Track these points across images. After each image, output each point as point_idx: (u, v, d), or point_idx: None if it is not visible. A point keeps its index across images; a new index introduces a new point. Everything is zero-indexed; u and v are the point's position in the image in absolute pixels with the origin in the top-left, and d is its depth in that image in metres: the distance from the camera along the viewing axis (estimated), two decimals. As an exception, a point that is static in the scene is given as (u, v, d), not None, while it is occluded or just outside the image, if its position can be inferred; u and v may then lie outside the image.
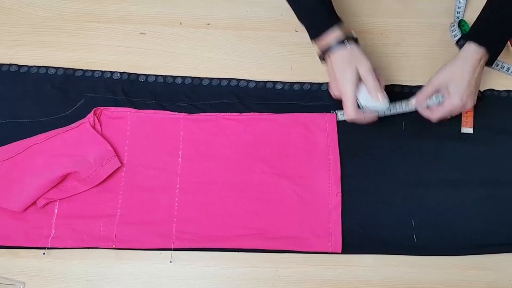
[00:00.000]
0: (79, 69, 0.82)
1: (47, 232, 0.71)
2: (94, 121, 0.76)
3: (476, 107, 0.79)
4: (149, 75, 0.82)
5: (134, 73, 0.82)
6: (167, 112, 0.79)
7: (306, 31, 0.77)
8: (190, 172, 0.75)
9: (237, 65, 0.84)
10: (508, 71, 0.83)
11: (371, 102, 0.72)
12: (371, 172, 0.76)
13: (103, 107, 0.78)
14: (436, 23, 0.88)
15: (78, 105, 0.79)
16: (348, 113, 0.71)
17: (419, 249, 0.72)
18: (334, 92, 0.74)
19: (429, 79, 0.74)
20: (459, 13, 0.86)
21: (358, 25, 0.88)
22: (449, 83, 0.72)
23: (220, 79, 0.82)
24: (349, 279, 0.71)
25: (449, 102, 0.71)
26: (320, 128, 0.78)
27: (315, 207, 0.73)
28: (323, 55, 0.74)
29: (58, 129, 0.75)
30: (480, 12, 0.75)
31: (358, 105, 0.72)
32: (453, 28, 0.84)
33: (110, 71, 0.82)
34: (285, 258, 0.71)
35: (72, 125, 0.76)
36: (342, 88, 0.71)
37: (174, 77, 0.82)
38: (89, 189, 0.72)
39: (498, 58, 0.76)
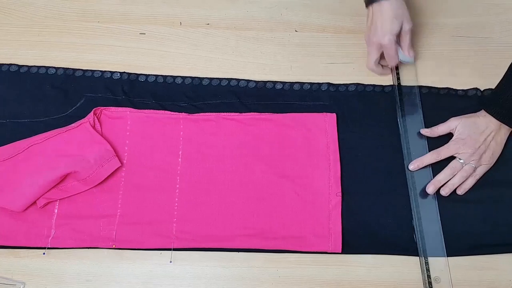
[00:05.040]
0: (79, 69, 0.82)
1: (47, 232, 0.71)
2: (94, 121, 0.76)
3: (475, 106, 0.80)
4: (149, 75, 0.82)
5: (134, 73, 0.82)
6: (167, 112, 0.79)
7: (306, 31, 0.76)
8: (190, 172, 0.75)
9: (237, 65, 0.84)
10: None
11: (402, 56, 0.80)
12: (371, 172, 0.76)
13: (103, 107, 0.78)
14: (436, 23, 0.88)
15: (78, 105, 0.79)
16: (393, 60, 0.78)
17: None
18: (371, 38, 0.78)
19: (450, 120, 0.76)
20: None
21: (358, 25, 0.88)
22: (463, 141, 0.74)
23: (220, 79, 0.82)
24: (349, 279, 0.71)
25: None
26: (320, 128, 0.78)
27: (315, 207, 0.73)
28: (371, 1, 0.76)
29: (58, 129, 0.75)
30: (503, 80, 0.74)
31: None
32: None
33: (110, 71, 0.82)
34: (285, 258, 0.71)
35: (72, 125, 0.76)
36: (384, 37, 0.76)
37: (174, 77, 0.82)
38: (89, 189, 0.73)
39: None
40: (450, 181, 0.74)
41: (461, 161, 0.74)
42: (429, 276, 0.70)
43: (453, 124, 0.75)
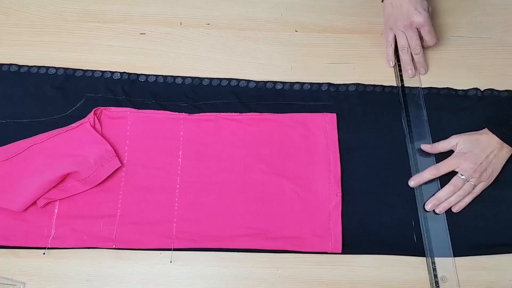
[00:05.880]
0: (79, 69, 0.82)
1: (47, 232, 0.71)
2: (94, 121, 0.76)
3: (475, 106, 0.80)
4: (149, 75, 0.82)
5: (134, 73, 0.82)
6: (167, 112, 0.79)
7: (306, 31, 0.76)
8: (190, 172, 0.75)
9: (237, 65, 0.84)
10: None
11: None
12: (371, 172, 0.76)
13: (103, 107, 0.78)
14: (436, 23, 0.88)
15: (78, 105, 0.79)
16: (434, 36, 0.81)
17: (419, 249, 0.72)
18: (396, 23, 0.81)
19: (451, 137, 0.75)
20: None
21: (358, 25, 0.88)
22: (464, 155, 0.73)
23: (220, 79, 0.82)
24: (349, 279, 0.71)
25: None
26: (320, 128, 0.78)
27: (315, 207, 0.73)
28: None
29: (58, 129, 0.75)
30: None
31: None
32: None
33: (110, 71, 0.82)
34: (285, 258, 0.71)
35: (72, 125, 0.76)
36: (420, 15, 0.79)
37: (174, 77, 0.82)
38: (89, 189, 0.72)
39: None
40: (447, 199, 0.73)
41: (463, 177, 0.73)
42: (435, 276, 0.70)
43: (454, 141, 0.75)
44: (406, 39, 0.82)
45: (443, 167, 0.74)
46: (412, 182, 0.74)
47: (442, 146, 0.76)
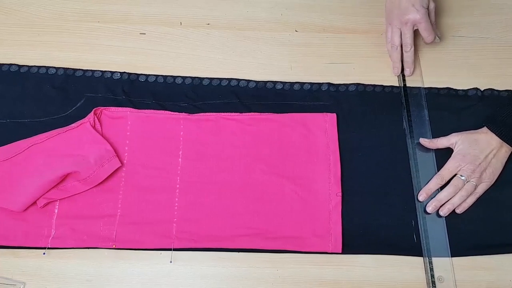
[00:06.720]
0: (79, 69, 0.82)
1: (47, 232, 0.71)
2: (94, 121, 0.76)
3: (475, 106, 0.80)
4: (149, 75, 0.82)
5: (134, 73, 0.82)
6: (167, 112, 0.79)
7: (306, 31, 0.76)
8: (190, 172, 0.75)
9: (237, 65, 0.84)
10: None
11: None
12: (371, 172, 0.76)
13: (103, 107, 0.78)
14: (436, 23, 0.88)
15: (78, 105, 0.79)
16: (431, 33, 0.80)
17: (419, 249, 0.72)
18: (397, 17, 0.80)
19: (451, 135, 0.75)
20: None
21: (359, 25, 0.88)
22: (462, 158, 0.73)
23: (220, 79, 0.82)
24: (349, 279, 0.71)
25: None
26: (320, 128, 0.78)
27: (315, 207, 0.73)
28: None
29: (58, 129, 0.75)
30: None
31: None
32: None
33: (110, 71, 0.82)
34: (285, 258, 0.71)
35: (72, 125, 0.76)
36: (418, 12, 0.78)
37: (174, 77, 0.82)
38: (89, 189, 0.73)
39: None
40: (450, 200, 0.73)
41: (463, 178, 0.73)
42: (432, 276, 0.70)
43: (454, 139, 0.75)
44: (400, 36, 0.82)
45: (446, 174, 0.74)
46: (421, 197, 0.74)
47: (440, 142, 0.76)
